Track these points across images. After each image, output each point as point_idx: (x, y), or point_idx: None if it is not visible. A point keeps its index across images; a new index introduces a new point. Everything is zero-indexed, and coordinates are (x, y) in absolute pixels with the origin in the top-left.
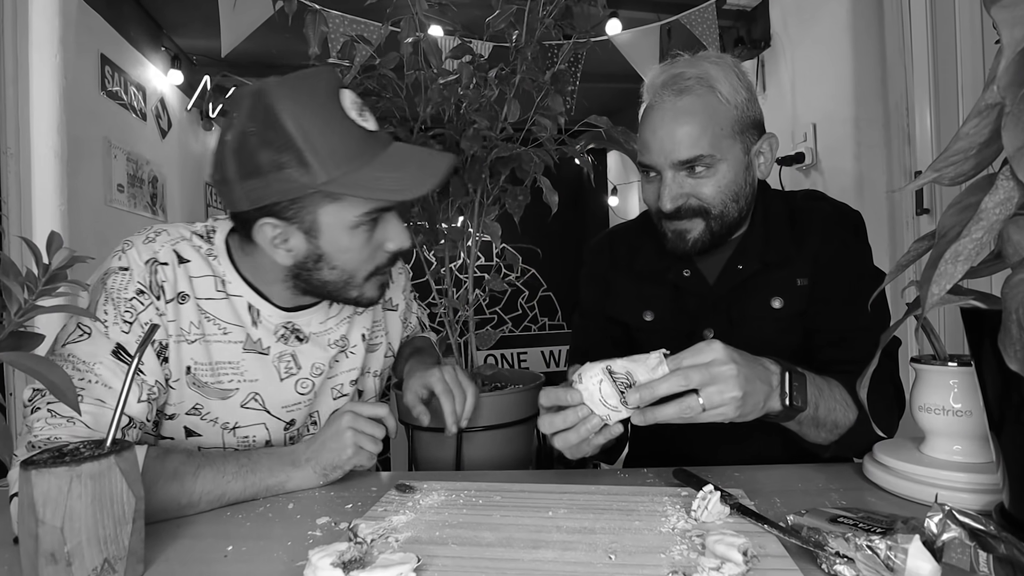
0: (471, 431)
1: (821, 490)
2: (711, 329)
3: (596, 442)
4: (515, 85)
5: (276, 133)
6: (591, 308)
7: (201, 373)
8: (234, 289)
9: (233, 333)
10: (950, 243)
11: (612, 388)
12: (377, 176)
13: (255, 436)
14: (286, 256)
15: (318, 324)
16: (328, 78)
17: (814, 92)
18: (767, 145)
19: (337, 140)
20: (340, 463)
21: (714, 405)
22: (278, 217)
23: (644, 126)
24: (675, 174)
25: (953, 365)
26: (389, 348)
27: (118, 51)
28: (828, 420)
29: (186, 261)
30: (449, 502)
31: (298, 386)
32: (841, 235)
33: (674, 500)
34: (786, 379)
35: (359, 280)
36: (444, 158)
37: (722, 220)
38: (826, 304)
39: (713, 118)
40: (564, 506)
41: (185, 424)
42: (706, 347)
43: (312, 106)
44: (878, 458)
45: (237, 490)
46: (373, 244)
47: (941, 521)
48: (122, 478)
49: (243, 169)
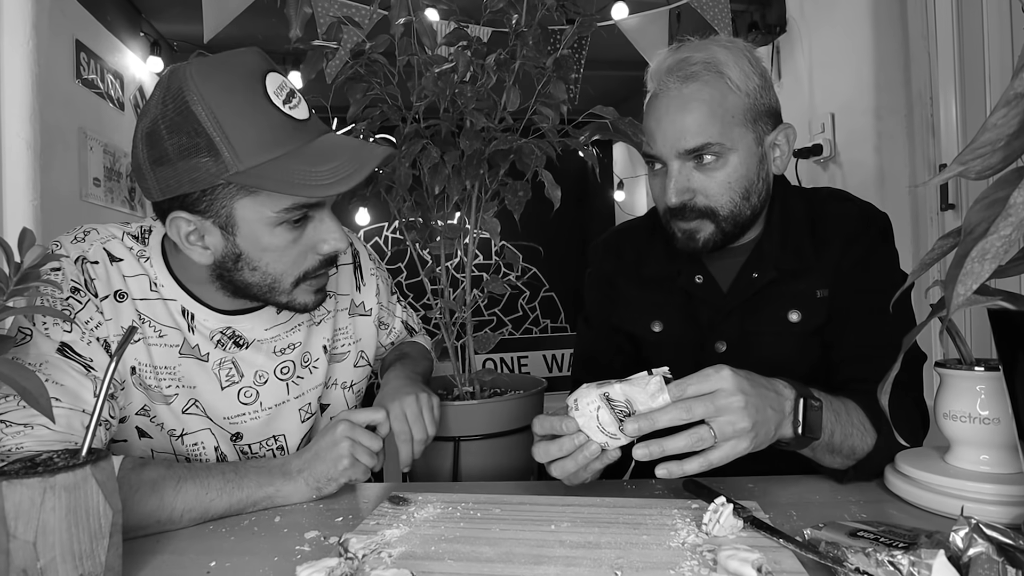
0: (469, 440)
1: (840, 502)
2: (723, 342)
3: (595, 467)
4: (514, 71)
5: (185, 118)
6: (596, 315)
7: (145, 375)
8: (167, 292)
9: (169, 336)
10: (977, 240)
11: (610, 415)
12: (296, 168)
13: (204, 443)
14: (203, 254)
15: (262, 330)
16: (252, 61)
17: (832, 80)
18: (783, 136)
19: (253, 128)
20: (335, 475)
21: (726, 437)
22: (191, 210)
23: (649, 115)
24: (682, 165)
25: (980, 370)
26: (361, 356)
27: (94, 36)
28: (844, 446)
29: (118, 260)
30: (445, 515)
31: (241, 395)
32: (866, 241)
33: (684, 513)
34: (800, 406)
35: (286, 285)
36: (376, 151)
37: (733, 220)
38: (848, 318)
39: (722, 105)
40: (567, 519)
41: (137, 424)
42: (713, 374)
43: (228, 90)
44: (900, 469)
45: (222, 507)
46: (302, 245)
47: (967, 535)
48: (98, 489)
49: (153, 156)
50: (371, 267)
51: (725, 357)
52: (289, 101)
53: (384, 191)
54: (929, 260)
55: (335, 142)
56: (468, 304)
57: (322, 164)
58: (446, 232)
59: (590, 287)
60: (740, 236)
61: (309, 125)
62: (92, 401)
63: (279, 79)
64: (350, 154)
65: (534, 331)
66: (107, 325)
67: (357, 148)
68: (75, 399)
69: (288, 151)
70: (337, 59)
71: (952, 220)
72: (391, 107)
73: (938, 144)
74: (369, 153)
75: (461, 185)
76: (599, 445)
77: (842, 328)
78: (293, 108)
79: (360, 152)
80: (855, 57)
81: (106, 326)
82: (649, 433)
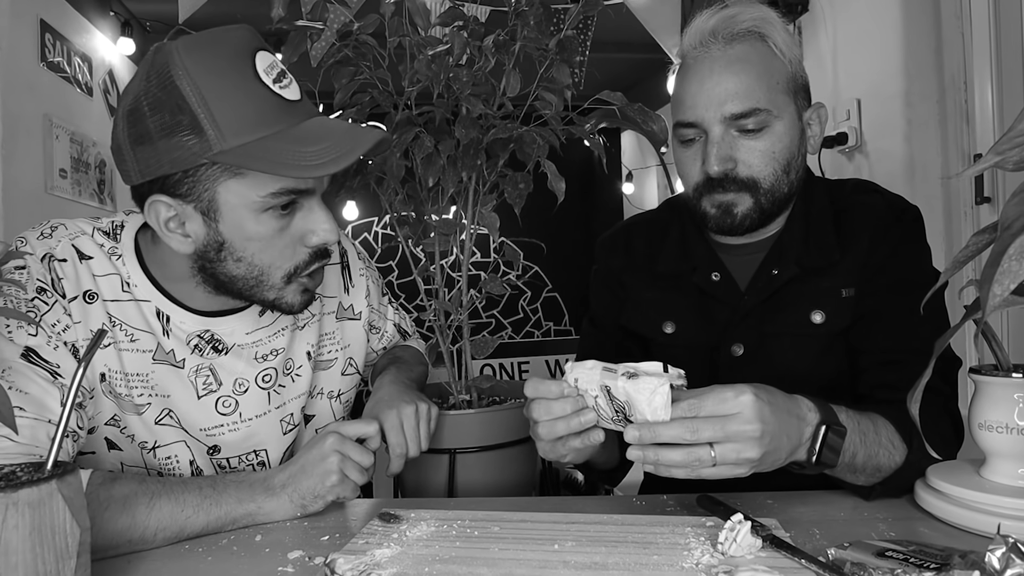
0: (465, 452)
1: (866, 520)
2: (740, 345)
3: (573, 444)
4: (514, 54)
5: (169, 94)
6: (602, 315)
7: (115, 382)
8: (141, 293)
9: (142, 340)
10: (1015, 236)
11: (607, 404)
12: (285, 148)
13: (177, 456)
14: (183, 243)
15: (244, 334)
16: (241, 37)
17: (858, 63)
18: (816, 116)
19: (240, 105)
20: (322, 492)
21: (727, 462)
22: (172, 194)
23: (688, 79)
24: (725, 131)
25: (1018, 377)
26: (350, 364)
27: (60, 16)
28: (868, 466)
29: (87, 258)
30: (440, 533)
31: (219, 405)
32: (895, 236)
33: (698, 531)
34: (820, 434)
35: (275, 280)
36: (369, 133)
37: (772, 195)
38: (875, 319)
39: (768, 69)
40: (572, 538)
41: (106, 435)
42: (733, 397)
43: (215, 66)
44: (932, 483)
45: (198, 525)
46: (290, 236)
47: (1004, 555)
48: (65, 506)
49: (134, 135)
50: (360, 267)
51: (742, 361)
52: (280, 80)
53: (374, 183)
54: (963, 258)
55: (325, 124)
56: (465, 305)
57: (311, 145)
58: (441, 228)
59: (596, 285)
60: (775, 216)
61: (299, 106)
62: (58, 410)
63: (270, 58)
64: (341, 135)
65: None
66: (75, 328)
67: (348, 130)
68: (40, 408)
69: (276, 131)
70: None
71: (988, 214)
72: (381, 93)
73: (972, 132)
74: (361, 135)
75: (457, 177)
76: (593, 416)
77: (869, 331)
78: (284, 88)
79: (352, 133)
80: (883, 38)
81: (74, 329)
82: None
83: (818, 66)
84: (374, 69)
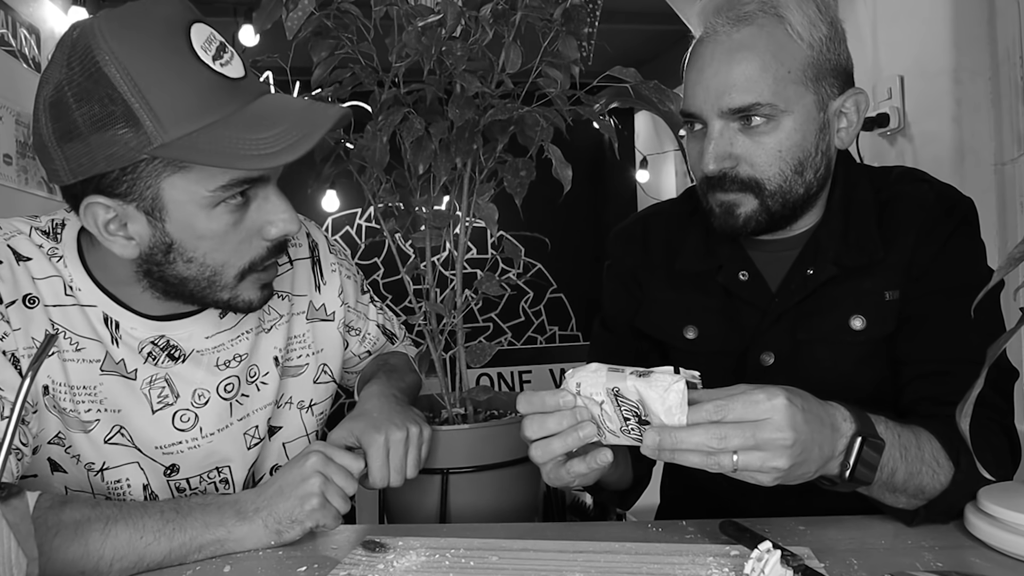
0: (459, 472)
1: (910, 548)
2: (770, 353)
3: (577, 470)
4: (515, 25)
5: (96, 82)
6: (615, 317)
7: (60, 396)
8: (86, 297)
9: (88, 349)
10: None
11: (615, 411)
12: (234, 136)
13: (129, 479)
14: (127, 246)
15: (202, 338)
16: (172, 10)
17: (901, 37)
18: (852, 104)
19: (179, 90)
20: (300, 517)
21: (750, 469)
22: (109, 194)
23: (690, 64)
24: (724, 125)
25: None
26: (324, 371)
27: None
28: (910, 485)
29: (25, 259)
30: (431, 564)
31: (177, 420)
32: (945, 232)
33: (721, 561)
34: (855, 446)
35: (228, 279)
36: (328, 111)
37: (782, 198)
38: (922, 324)
39: (777, 56)
40: (579, 569)
41: (49, 456)
42: (764, 400)
43: (146, 45)
44: (983, 507)
45: (159, 554)
46: (245, 229)
47: None
48: (10, 533)
49: (59, 130)
50: (332, 261)
51: (772, 371)
52: (220, 56)
53: (356, 171)
54: (1019, 254)
55: (277, 103)
56: (459, 308)
57: (263, 130)
58: (432, 220)
59: (609, 284)
60: (792, 220)
61: (245, 84)
62: (1, 426)
63: (206, 30)
64: (296, 117)
65: (539, 340)
66: (15, 336)
67: (304, 109)
68: None
69: (222, 117)
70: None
71: None
72: (364, 69)
73: None
74: (320, 113)
75: (450, 163)
76: (593, 429)
77: (914, 338)
78: (225, 65)
79: (308, 114)
80: (929, 8)
81: (13, 337)
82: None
83: (856, 40)
84: (357, 42)
